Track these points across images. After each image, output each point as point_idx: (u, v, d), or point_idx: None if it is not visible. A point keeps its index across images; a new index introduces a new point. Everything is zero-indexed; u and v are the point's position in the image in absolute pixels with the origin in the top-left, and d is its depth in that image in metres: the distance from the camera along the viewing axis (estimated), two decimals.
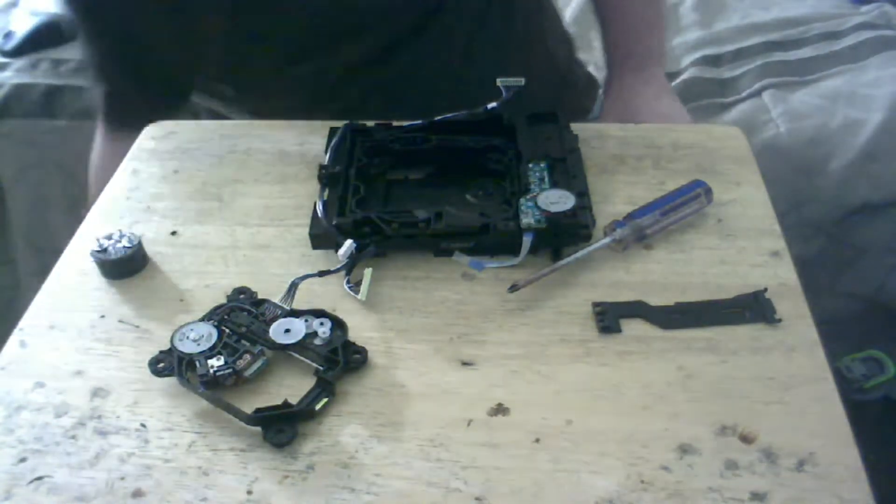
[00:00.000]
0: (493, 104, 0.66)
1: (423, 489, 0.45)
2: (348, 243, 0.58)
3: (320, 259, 0.61)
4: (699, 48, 1.30)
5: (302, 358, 0.53)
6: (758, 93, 1.19)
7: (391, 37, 0.81)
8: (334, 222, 0.59)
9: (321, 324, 0.53)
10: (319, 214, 0.61)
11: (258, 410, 0.48)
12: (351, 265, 0.58)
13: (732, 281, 0.58)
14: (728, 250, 0.61)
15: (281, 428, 0.48)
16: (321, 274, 0.58)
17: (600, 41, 0.92)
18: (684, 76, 1.25)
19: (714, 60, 1.27)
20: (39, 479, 0.47)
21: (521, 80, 0.66)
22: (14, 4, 1.35)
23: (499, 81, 0.66)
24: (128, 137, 0.75)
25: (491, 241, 0.59)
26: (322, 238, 0.61)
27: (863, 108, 1.14)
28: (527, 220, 0.58)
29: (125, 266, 0.60)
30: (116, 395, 0.51)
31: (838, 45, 1.25)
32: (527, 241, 0.58)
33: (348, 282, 0.58)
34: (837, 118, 1.13)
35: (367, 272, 0.58)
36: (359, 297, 0.57)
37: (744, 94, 1.19)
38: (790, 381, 0.51)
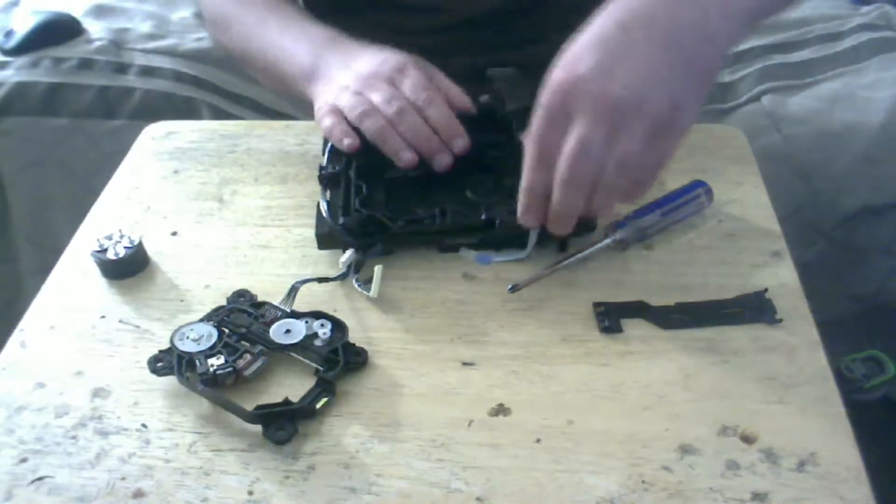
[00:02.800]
0: (485, 96, 0.66)
1: (424, 489, 0.45)
2: (349, 252, 0.58)
3: (321, 259, 0.61)
4: None
5: (302, 359, 0.53)
6: (757, 97, 1.19)
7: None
8: (340, 222, 0.59)
9: (321, 325, 0.53)
10: (324, 214, 0.61)
11: (259, 408, 0.49)
12: (346, 274, 0.59)
13: (733, 281, 0.58)
14: (728, 250, 0.61)
15: (281, 426, 0.48)
16: (320, 280, 0.58)
17: None
18: None
19: None
20: (40, 479, 0.47)
21: (510, 70, 0.66)
22: (15, 3, 1.35)
23: (490, 72, 0.66)
24: None
25: (497, 235, 0.59)
26: (328, 238, 0.61)
27: (862, 110, 1.14)
28: None
29: (125, 266, 0.60)
30: (117, 396, 0.51)
31: (839, 46, 1.25)
32: (533, 234, 0.58)
33: (357, 279, 0.58)
34: (837, 121, 1.13)
35: (378, 269, 0.58)
36: (370, 294, 0.57)
37: (743, 99, 1.19)
38: (791, 381, 0.51)
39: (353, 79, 0.65)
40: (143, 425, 0.49)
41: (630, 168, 0.51)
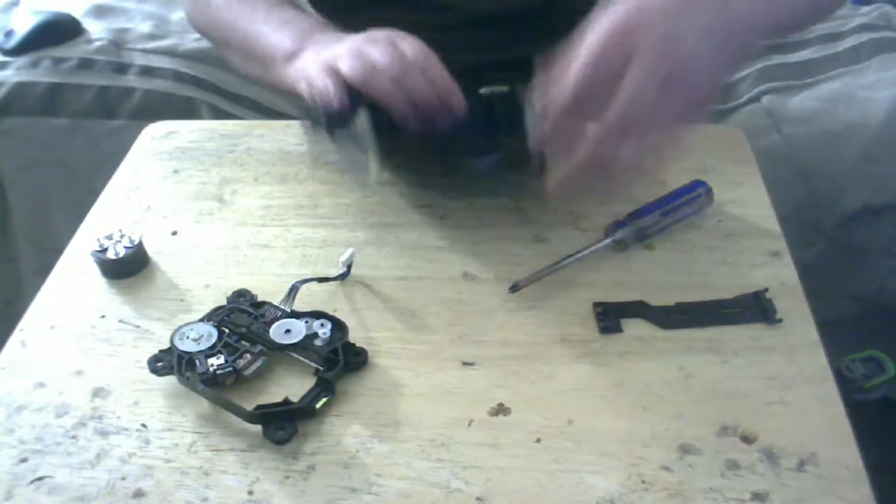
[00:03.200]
0: (486, 88, 0.66)
1: (424, 489, 0.45)
2: (349, 251, 0.58)
3: (321, 259, 0.61)
4: None
5: (302, 358, 0.53)
6: (757, 97, 1.19)
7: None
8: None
9: (321, 325, 0.53)
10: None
11: (259, 408, 0.49)
12: (346, 274, 0.58)
13: (733, 281, 0.58)
14: (728, 250, 0.61)
15: (281, 425, 0.48)
16: (320, 280, 0.59)
17: None
18: None
19: None
20: (40, 479, 0.47)
21: (505, 88, 0.65)
22: (15, 3, 1.35)
23: (483, 91, 0.66)
24: None
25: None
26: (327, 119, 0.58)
27: (862, 110, 1.14)
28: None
29: (125, 266, 0.60)
30: (117, 395, 0.51)
31: (839, 46, 1.25)
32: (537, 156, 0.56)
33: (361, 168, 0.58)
34: (837, 121, 1.13)
35: (371, 154, 0.58)
36: (370, 179, 0.57)
37: (743, 99, 1.19)
38: (791, 381, 0.51)
39: (348, 46, 0.62)
40: (143, 425, 0.49)
41: (667, 126, 0.51)
